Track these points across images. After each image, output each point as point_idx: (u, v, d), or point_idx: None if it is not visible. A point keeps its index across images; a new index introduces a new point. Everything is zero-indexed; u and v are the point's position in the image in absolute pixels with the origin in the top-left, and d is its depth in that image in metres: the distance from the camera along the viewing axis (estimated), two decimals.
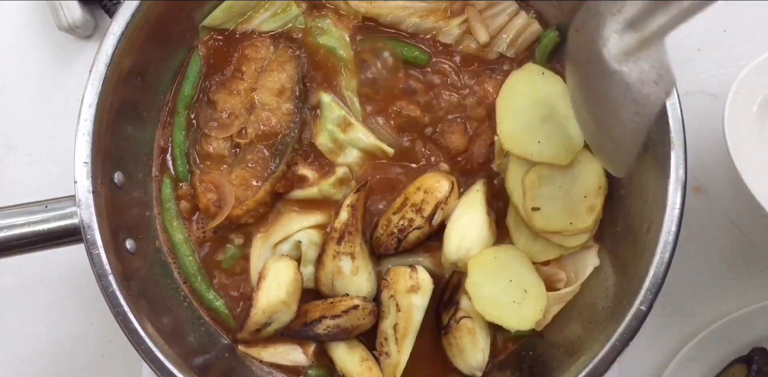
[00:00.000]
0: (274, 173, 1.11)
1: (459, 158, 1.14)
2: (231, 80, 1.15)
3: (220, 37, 1.16)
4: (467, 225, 1.09)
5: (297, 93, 1.13)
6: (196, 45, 1.16)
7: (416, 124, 1.14)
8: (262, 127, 1.12)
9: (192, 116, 1.16)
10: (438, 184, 1.09)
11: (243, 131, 1.13)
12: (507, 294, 1.08)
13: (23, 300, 1.32)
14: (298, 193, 1.13)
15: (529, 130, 1.09)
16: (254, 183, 1.12)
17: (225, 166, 1.14)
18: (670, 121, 0.96)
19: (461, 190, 1.13)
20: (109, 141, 1.00)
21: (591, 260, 1.10)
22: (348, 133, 1.12)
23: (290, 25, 1.16)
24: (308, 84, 1.16)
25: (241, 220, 1.12)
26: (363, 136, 1.12)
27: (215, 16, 1.14)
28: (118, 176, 1.04)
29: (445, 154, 1.14)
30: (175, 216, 1.14)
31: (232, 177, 1.12)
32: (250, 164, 1.13)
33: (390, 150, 1.13)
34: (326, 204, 1.14)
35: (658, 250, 0.94)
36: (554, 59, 1.15)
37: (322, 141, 1.13)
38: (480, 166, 1.14)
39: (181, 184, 1.15)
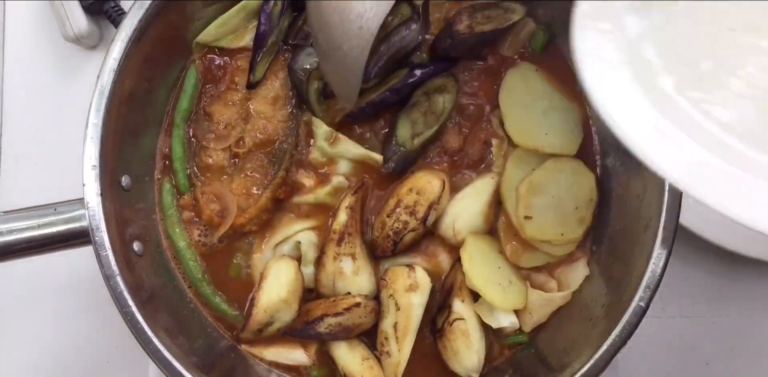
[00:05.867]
0: (274, 180, 1.13)
1: (455, 157, 1.15)
2: (225, 92, 1.16)
3: (216, 52, 1.18)
4: (464, 209, 1.12)
5: (291, 100, 1.15)
6: (193, 59, 1.17)
7: None
8: (259, 135, 1.14)
9: (190, 131, 1.17)
10: (430, 184, 1.10)
11: (240, 141, 1.14)
12: (495, 275, 1.10)
13: (30, 306, 1.33)
14: (294, 199, 1.15)
15: (535, 123, 1.14)
16: (255, 191, 1.13)
17: (225, 176, 1.15)
18: None
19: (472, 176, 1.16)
20: (116, 145, 1.02)
21: (581, 271, 1.12)
22: (336, 146, 1.14)
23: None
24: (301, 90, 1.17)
25: (245, 228, 1.13)
26: (351, 147, 1.14)
27: (208, 33, 1.15)
28: (125, 180, 1.06)
29: (441, 153, 1.16)
30: (177, 222, 1.15)
31: (233, 187, 1.14)
32: (250, 173, 1.14)
33: (379, 158, 1.13)
34: (325, 206, 1.15)
35: (656, 246, 0.96)
36: (545, 55, 1.19)
37: (315, 156, 1.15)
38: (475, 163, 1.16)
39: (182, 196, 1.16)
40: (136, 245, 1.05)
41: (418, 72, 1.12)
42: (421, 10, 1.10)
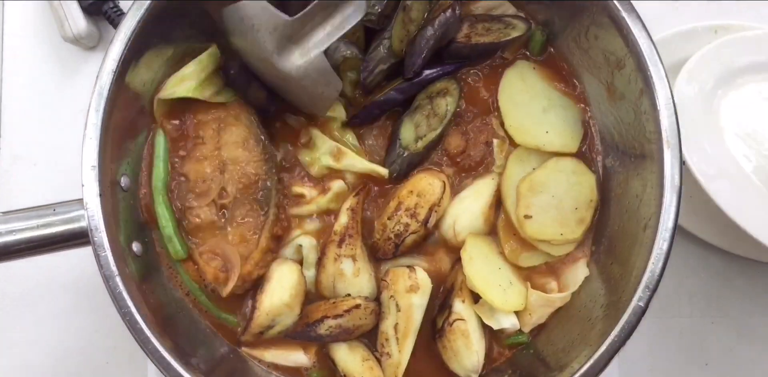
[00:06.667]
0: (267, 219, 1.11)
1: (458, 159, 1.16)
2: (194, 148, 1.12)
3: (175, 111, 1.14)
4: (465, 210, 1.12)
5: (260, 136, 1.13)
6: (158, 125, 1.13)
7: None
8: (240, 180, 1.10)
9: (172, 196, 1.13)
10: (430, 186, 1.10)
11: (223, 192, 1.11)
12: (495, 276, 1.10)
13: (29, 307, 1.33)
14: (296, 210, 1.14)
15: (535, 121, 1.14)
16: (252, 236, 1.11)
17: (218, 231, 1.11)
18: (664, 121, 0.98)
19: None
20: (115, 146, 1.02)
21: (581, 271, 1.12)
22: (342, 161, 1.13)
23: None
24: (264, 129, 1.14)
25: (252, 275, 1.09)
26: (357, 162, 1.13)
27: (167, 89, 1.10)
28: (124, 180, 1.05)
29: (445, 156, 1.16)
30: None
31: (229, 238, 1.11)
32: (241, 220, 1.11)
33: (384, 171, 1.13)
34: (327, 211, 1.15)
35: (655, 246, 0.96)
36: (543, 54, 1.19)
37: (317, 171, 1.14)
38: (478, 164, 1.16)
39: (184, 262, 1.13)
40: (135, 246, 1.05)
41: (424, 72, 1.13)
42: None
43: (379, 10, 1.09)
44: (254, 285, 1.11)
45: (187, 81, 1.10)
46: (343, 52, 1.13)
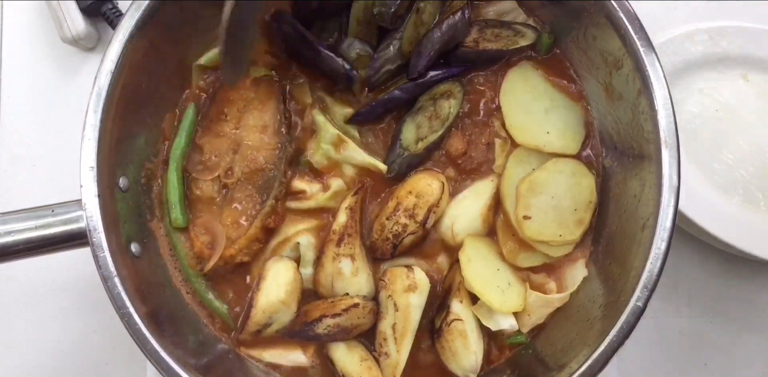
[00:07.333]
0: (263, 209, 1.11)
1: (459, 161, 1.15)
2: (216, 123, 1.15)
3: (209, 89, 1.18)
4: (464, 211, 1.13)
5: (280, 127, 1.14)
6: (192, 85, 1.16)
7: None
8: (248, 164, 1.12)
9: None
10: (429, 187, 1.10)
11: (229, 171, 1.13)
12: (494, 277, 1.10)
13: (27, 308, 1.33)
14: (295, 204, 1.14)
15: (536, 122, 1.14)
16: (244, 222, 1.12)
17: (215, 207, 1.14)
18: (662, 121, 0.98)
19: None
20: (113, 146, 1.02)
21: (580, 271, 1.12)
22: (342, 151, 1.14)
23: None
24: (290, 116, 1.16)
25: (235, 259, 1.11)
26: (357, 154, 1.13)
27: (210, 58, 1.15)
28: (122, 181, 1.06)
29: (446, 158, 1.16)
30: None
31: (223, 218, 1.12)
32: (239, 203, 1.13)
33: (383, 167, 1.13)
34: (325, 209, 1.15)
35: (653, 246, 0.96)
36: (548, 55, 1.19)
37: (318, 159, 1.15)
38: (479, 165, 1.16)
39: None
40: (133, 247, 1.05)
41: (429, 73, 1.13)
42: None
43: (393, 9, 1.09)
44: (237, 269, 1.13)
45: None
46: (357, 50, 1.13)
